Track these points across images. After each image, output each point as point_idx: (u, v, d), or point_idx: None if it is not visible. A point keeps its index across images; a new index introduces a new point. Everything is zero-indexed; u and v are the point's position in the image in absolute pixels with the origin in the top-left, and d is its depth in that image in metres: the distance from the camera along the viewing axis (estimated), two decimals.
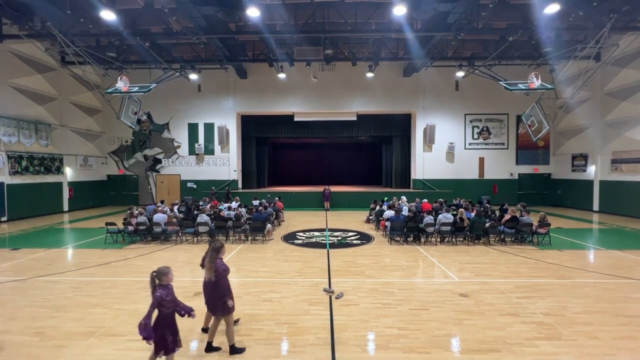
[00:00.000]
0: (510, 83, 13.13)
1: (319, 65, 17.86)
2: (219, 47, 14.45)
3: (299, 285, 6.23)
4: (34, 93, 14.85)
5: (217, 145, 19.20)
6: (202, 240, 10.12)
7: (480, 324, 4.71)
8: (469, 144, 19.16)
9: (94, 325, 4.65)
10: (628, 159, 14.56)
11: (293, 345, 4.21)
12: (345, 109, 19.05)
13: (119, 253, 8.69)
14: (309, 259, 8.08)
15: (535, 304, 5.39)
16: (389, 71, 18.32)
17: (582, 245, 9.69)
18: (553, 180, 19.12)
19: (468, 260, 8.00)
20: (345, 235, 10.94)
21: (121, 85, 12.85)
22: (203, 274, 3.94)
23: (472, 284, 6.34)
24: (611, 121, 15.28)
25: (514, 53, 14.94)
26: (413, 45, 14.00)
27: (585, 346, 4.14)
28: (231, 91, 19.05)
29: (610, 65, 14.25)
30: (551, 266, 7.47)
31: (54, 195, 16.23)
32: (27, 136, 14.46)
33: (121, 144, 19.64)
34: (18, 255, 8.55)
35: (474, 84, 17.79)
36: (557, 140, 18.83)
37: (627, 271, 7.10)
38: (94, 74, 16.85)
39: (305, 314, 5.05)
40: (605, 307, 5.28)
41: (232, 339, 3.94)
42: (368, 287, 6.21)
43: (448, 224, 9.50)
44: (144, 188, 19.71)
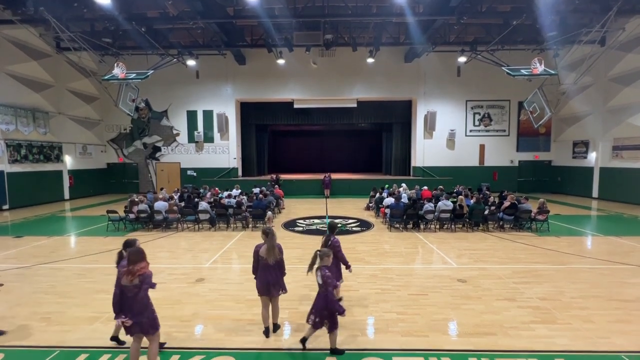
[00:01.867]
0: (513, 69, 12.93)
1: (319, 51, 17.54)
2: (216, 32, 14.16)
3: (300, 272, 6.31)
4: (30, 80, 14.65)
5: (216, 132, 19.08)
6: (202, 227, 10.20)
7: (477, 309, 4.80)
8: (469, 131, 19.04)
9: (98, 310, 4.74)
10: (629, 146, 14.50)
11: (294, 329, 4.31)
12: (346, 95, 18.83)
13: (121, 240, 8.73)
14: (310, 246, 8.16)
15: (532, 289, 5.48)
16: (389, 57, 18.01)
17: (580, 231, 9.78)
18: (553, 167, 19.10)
19: (467, 246, 8.09)
20: (345, 222, 11.02)
21: (118, 71, 12.67)
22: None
23: (470, 270, 6.43)
24: (613, 107, 15.13)
25: (518, 37, 14.64)
26: (414, 29, 13.69)
27: (579, 329, 4.23)
28: (230, 77, 18.79)
29: (615, 49, 14.00)
30: (549, 252, 7.56)
31: (55, 184, 16.26)
32: (25, 124, 14.36)
33: (120, 132, 19.52)
34: (21, 242, 8.64)
35: (476, 70, 17.52)
36: (558, 127, 18.70)
37: (624, 257, 7.19)
38: (90, 61, 16.59)
39: (306, 299, 5.14)
40: (601, 292, 5.37)
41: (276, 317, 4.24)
42: (368, 273, 6.30)
43: (447, 211, 9.55)
44: (144, 176, 19.71)
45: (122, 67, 12.80)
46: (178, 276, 6.13)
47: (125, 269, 3.20)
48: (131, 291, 3.19)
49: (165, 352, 3.75)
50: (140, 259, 3.22)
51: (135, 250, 3.30)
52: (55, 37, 13.92)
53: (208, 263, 6.98)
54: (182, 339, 4.04)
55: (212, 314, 4.65)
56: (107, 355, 3.74)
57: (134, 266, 3.16)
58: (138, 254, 3.24)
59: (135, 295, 3.19)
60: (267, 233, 4.05)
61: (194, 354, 3.72)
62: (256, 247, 4.08)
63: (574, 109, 17.15)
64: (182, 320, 4.50)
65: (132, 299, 3.20)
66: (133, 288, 3.18)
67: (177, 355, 3.70)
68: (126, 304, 3.21)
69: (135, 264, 3.17)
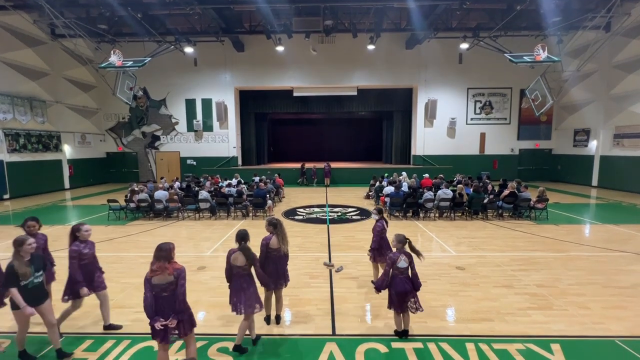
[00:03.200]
0: (516, 55, 12.75)
1: (319, 38, 17.25)
2: (214, 18, 13.89)
3: (300, 260, 6.39)
4: (25, 68, 14.45)
5: (215, 121, 18.95)
6: (203, 216, 10.25)
7: (475, 296, 4.87)
8: (470, 119, 18.91)
9: None
10: (630, 134, 14.43)
11: (295, 315, 4.38)
12: (346, 83, 18.61)
13: (122, 229, 8.84)
14: (310, 234, 8.23)
15: (530, 276, 5.55)
16: (390, 43, 17.71)
17: (579, 219, 9.84)
18: (554, 155, 19.06)
19: (465, 234, 8.15)
20: (345, 210, 11.07)
21: (115, 59, 12.48)
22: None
23: (469, 258, 6.50)
24: (616, 95, 14.98)
25: (521, 23, 14.38)
26: (416, 15, 13.42)
27: (575, 315, 4.31)
28: (228, 65, 18.53)
29: (620, 35, 13.76)
30: (547, 240, 7.63)
31: (55, 173, 16.25)
32: (23, 113, 14.24)
33: (118, 121, 19.38)
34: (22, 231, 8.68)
35: (478, 57, 17.27)
36: (559, 115, 18.57)
37: (621, 244, 7.26)
38: (86, 48, 16.32)
39: (306, 287, 5.22)
40: (598, 279, 5.45)
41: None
42: (367, 261, 6.34)
43: (447, 199, 9.58)
44: (144, 165, 19.69)
45: (118, 54, 12.61)
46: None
47: (152, 267, 2.97)
48: (166, 290, 2.95)
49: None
50: (164, 257, 2.98)
51: (165, 247, 3.05)
52: (49, 23, 13.66)
53: (209, 251, 7.05)
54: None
55: (214, 301, 4.73)
56: (111, 340, 3.82)
57: (159, 263, 2.95)
58: (164, 251, 3.01)
59: (172, 293, 2.96)
60: (275, 224, 3.99)
61: (197, 340, 3.79)
62: (263, 240, 3.94)
63: (576, 97, 16.98)
64: None
65: (169, 298, 2.95)
66: (168, 286, 2.95)
67: (179, 341, 3.78)
68: (162, 304, 2.94)
69: (161, 261, 2.96)
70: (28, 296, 3.24)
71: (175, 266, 3.00)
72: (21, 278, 3.19)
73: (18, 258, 3.23)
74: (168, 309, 2.94)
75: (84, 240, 3.84)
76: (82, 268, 3.78)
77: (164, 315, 2.93)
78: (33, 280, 3.28)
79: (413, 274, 3.76)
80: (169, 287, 2.94)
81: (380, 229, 4.91)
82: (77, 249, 3.75)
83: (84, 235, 3.84)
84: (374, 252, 5.00)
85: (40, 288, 3.39)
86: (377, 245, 4.95)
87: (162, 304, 2.94)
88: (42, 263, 3.45)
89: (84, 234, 3.83)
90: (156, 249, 3.01)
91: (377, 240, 4.94)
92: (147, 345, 3.72)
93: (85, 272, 3.82)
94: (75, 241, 3.81)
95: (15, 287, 3.18)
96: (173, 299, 2.95)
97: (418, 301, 3.76)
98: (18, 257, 3.23)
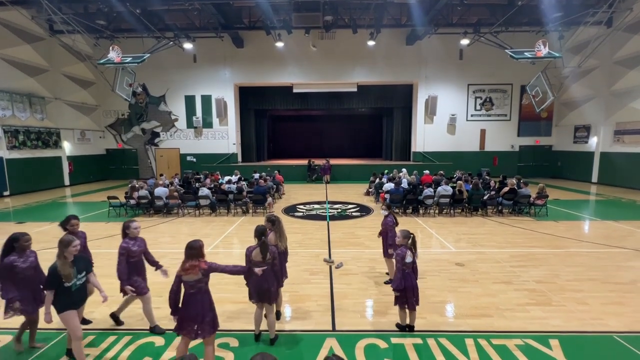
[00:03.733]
0: (517, 51, 12.68)
1: (319, 33, 17.14)
2: (213, 13, 13.79)
3: (300, 256, 6.41)
4: (23, 64, 14.38)
5: (215, 118, 18.89)
6: (203, 213, 10.26)
7: (474, 292, 4.90)
8: (470, 116, 18.87)
9: None
10: (631, 130, 14.41)
11: (295, 311, 4.41)
12: (346, 79, 18.54)
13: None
14: (310, 231, 8.25)
15: (529, 272, 5.58)
16: (390, 39, 17.61)
17: (578, 216, 9.85)
18: (554, 152, 19.04)
19: (465, 231, 8.17)
20: (345, 207, 11.09)
21: (113, 55, 12.42)
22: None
23: (468, 254, 6.52)
24: (617, 91, 14.93)
25: (522, 19, 14.29)
26: (416, 10, 13.31)
27: (573, 311, 4.34)
28: (228, 61, 18.44)
29: (622, 31, 13.68)
30: (546, 236, 7.64)
31: (54, 170, 16.24)
32: (22, 110, 14.20)
33: (118, 117, 19.34)
34: (24, 228, 8.67)
35: (479, 53, 17.19)
36: (560, 112, 18.53)
37: (621, 241, 7.28)
38: (84, 44, 16.21)
39: (306, 283, 5.24)
40: (596, 275, 5.47)
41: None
42: (367, 257, 6.39)
43: (447, 196, 9.59)
44: (144, 162, 19.67)
45: (117, 50, 12.54)
46: (180, 261, 6.20)
47: (185, 266, 3.00)
48: (194, 287, 2.98)
49: (169, 333, 3.85)
50: (192, 254, 3.01)
51: (195, 245, 3.05)
52: (47, 19, 13.56)
53: (209, 248, 7.07)
54: None
55: (214, 298, 4.71)
56: (112, 337, 3.84)
57: (191, 262, 2.97)
58: (195, 249, 3.03)
59: (199, 290, 3.00)
60: (274, 221, 4.00)
61: None
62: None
63: (577, 93, 16.92)
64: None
65: (196, 295, 2.99)
66: (196, 283, 2.98)
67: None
68: (190, 300, 2.99)
69: (190, 260, 2.99)
70: (71, 299, 3.14)
71: (203, 265, 3.01)
72: (64, 280, 3.08)
73: (62, 259, 3.12)
74: (196, 305, 2.98)
75: (133, 237, 3.81)
76: (130, 265, 3.76)
77: (192, 311, 2.96)
78: (76, 282, 3.17)
79: (415, 266, 3.83)
80: (197, 284, 2.98)
81: (392, 223, 4.97)
82: (126, 246, 3.74)
83: (133, 233, 3.81)
84: (388, 247, 4.93)
85: (83, 290, 3.30)
86: (392, 241, 4.79)
87: (190, 300, 2.98)
88: (85, 264, 3.37)
89: (133, 231, 3.80)
90: (187, 247, 3.03)
91: (393, 236, 4.81)
92: (148, 341, 3.75)
93: (135, 269, 3.80)
94: (125, 238, 3.80)
95: (55, 289, 3.07)
96: (200, 296, 3.00)
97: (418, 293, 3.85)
98: (62, 258, 3.12)
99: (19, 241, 3.44)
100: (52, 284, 3.08)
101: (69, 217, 3.94)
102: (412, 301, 3.75)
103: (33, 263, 3.54)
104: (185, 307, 3.00)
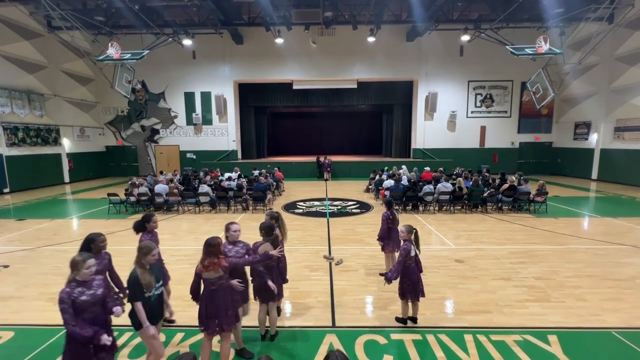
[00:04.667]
0: (517, 47, 12.62)
1: (318, 30, 17.06)
2: (212, 9, 13.71)
3: (300, 253, 6.42)
4: (22, 61, 14.32)
5: (214, 115, 18.85)
6: (203, 210, 10.27)
7: (473, 288, 4.92)
8: (471, 112, 18.83)
9: None
10: (631, 127, 14.38)
11: (295, 307, 4.43)
12: (346, 76, 18.47)
13: (123, 223, 8.86)
14: (310, 228, 8.26)
15: (528, 269, 5.59)
16: (390, 36, 17.52)
17: (578, 212, 9.87)
18: (554, 148, 19.03)
19: (465, 228, 8.19)
20: (345, 204, 11.10)
21: (112, 52, 12.36)
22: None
23: (468, 251, 6.54)
24: (618, 88, 14.89)
25: (523, 15, 14.20)
26: (417, 6, 13.24)
27: (572, 307, 4.36)
28: (227, 58, 18.37)
29: (623, 27, 13.60)
30: (546, 233, 7.66)
31: (54, 167, 16.23)
32: (21, 106, 14.15)
33: (117, 114, 19.29)
34: (24, 225, 8.73)
35: (479, 49, 17.12)
36: (560, 108, 18.49)
37: (620, 237, 7.29)
38: (83, 40, 16.13)
39: (306, 280, 5.26)
40: (595, 272, 5.49)
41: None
42: (367, 254, 6.40)
43: (447, 192, 9.60)
44: (144, 159, 19.65)
45: (116, 47, 12.48)
46: (181, 257, 6.24)
47: (204, 263, 2.95)
48: (215, 284, 2.96)
49: (170, 329, 3.88)
50: (214, 252, 2.95)
51: (212, 242, 2.97)
52: (46, 15, 13.49)
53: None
54: (186, 317, 4.16)
55: None
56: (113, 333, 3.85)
57: (210, 259, 2.93)
58: (211, 246, 2.96)
59: (220, 287, 2.97)
60: (277, 217, 4.04)
61: (198, 332, 3.84)
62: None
63: (577, 90, 16.88)
64: (185, 300, 4.59)
65: (217, 291, 2.96)
66: (217, 280, 2.96)
67: (181, 333, 3.83)
68: (211, 297, 2.96)
69: (209, 257, 2.94)
70: (151, 310, 2.84)
71: (224, 262, 3.00)
72: (145, 289, 2.81)
73: (141, 266, 2.85)
74: (219, 301, 2.98)
75: (233, 241, 3.54)
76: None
77: (214, 307, 2.96)
78: (155, 292, 2.89)
79: (418, 259, 3.90)
80: (217, 281, 2.98)
81: (385, 217, 5.12)
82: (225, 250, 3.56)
83: (233, 236, 3.53)
84: (382, 241, 5.19)
85: (160, 301, 2.99)
86: (383, 233, 5.12)
87: (212, 296, 2.98)
88: (161, 273, 3.16)
89: (232, 234, 3.53)
90: (205, 244, 2.99)
91: (383, 229, 5.12)
92: None
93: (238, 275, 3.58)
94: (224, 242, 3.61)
95: (141, 300, 2.78)
96: (222, 292, 3.01)
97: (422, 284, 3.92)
98: (141, 265, 2.85)
99: (95, 242, 3.31)
100: (137, 294, 2.78)
101: (151, 215, 3.75)
102: (418, 293, 3.80)
103: (107, 266, 3.40)
104: (207, 303, 2.99)
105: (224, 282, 3.03)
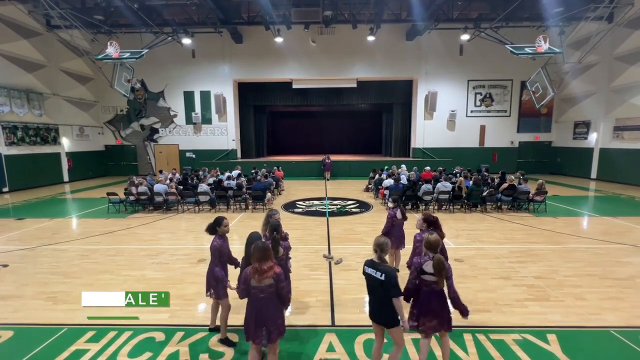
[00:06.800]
0: (517, 47, 12.62)
1: (318, 29, 17.03)
2: (212, 8, 13.68)
3: (300, 252, 6.42)
4: (21, 60, 14.28)
5: (214, 114, 18.82)
6: (202, 209, 10.26)
7: (473, 287, 4.92)
8: (470, 112, 18.83)
9: (103, 290, 4.82)
10: (631, 126, 14.39)
11: (295, 307, 4.42)
12: (345, 75, 18.45)
13: (123, 222, 8.85)
14: (309, 227, 8.26)
15: (527, 268, 5.60)
16: (390, 35, 17.51)
17: (577, 212, 9.88)
18: (553, 148, 19.03)
19: (464, 227, 8.19)
20: (345, 203, 11.09)
21: (111, 51, 12.33)
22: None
23: (467, 250, 6.54)
24: (617, 87, 14.89)
25: (523, 14, 14.20)
26: (416, 5, 13.23)
27: (572, 306, 4.36)
28: (227, 57, 18.33)
29: (623, 27, 13.60)
30: (545, 232, 7.66)
31: (53, 166, 16.20)
32: (19, 105, 14.12)
33: (116, 114, 19.25)
34: (24, 224, 8.72)
35: (479, 49, 17.10)
36: (560, 108, 18.49)
37: (619, 237, 7.30)
38: (82, 39, 16.07)
39: (306, 279, 5.26)
40: (595, 271, 5.49)
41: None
42: (366, 253, 6.37)
43: (446, 192, 9.60)
44: (143, 158, 19.63)
45: (115, 46, 12.45)
46: (180, 257, 6.23)
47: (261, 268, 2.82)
48: (264, 291, 2.82)
49: (170, 329, 3.87)
50: (266, 257, 2.83)
51: (261, 247, 2.86)
52: (44, 14, 13.45)
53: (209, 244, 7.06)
54: (186, 317, 4.16)
55: None
56: (113, 332, 3.85)
57: (260, 264, 2.80)
58: (264, 251, 2.84)
59: (269, 295, 2.84)
60: (276, 228, 3.87)
61: (197, 331, 3.85)
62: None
63: (577, 89, 16.88)
64: (185, 299, 4.62)
65: (266, 299, 2.84)
66: (267, 288, 2.81)
67: (181, 332, 3.83)
68: (258, 305, 2.85)
69: (261, 263, 2.81)
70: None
71: (277, 269, 2.86)
72: None
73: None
74: (268, 309, 2.85)
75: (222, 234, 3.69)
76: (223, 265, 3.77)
77: (261, 316, 2.83)
78: None
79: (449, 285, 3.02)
80: (267, 289, 2.82)
81: (392, 215, 5.21)
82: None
83: (223, 230, 3.68)
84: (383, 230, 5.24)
85: None
86: (386, 230, 5.17)
87: (258, 305, 2.84)
88: None
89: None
90: (256, 250, 2.83)
91: (387, 226, 5.20)
92: (148, 336, 3.76)
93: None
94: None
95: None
96: (270, 301, 2.86)
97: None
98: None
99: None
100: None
101: (223, 218, 3.73)
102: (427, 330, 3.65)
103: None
104: (255, 312, 2.85)
105: (274, 290, 2.84)
